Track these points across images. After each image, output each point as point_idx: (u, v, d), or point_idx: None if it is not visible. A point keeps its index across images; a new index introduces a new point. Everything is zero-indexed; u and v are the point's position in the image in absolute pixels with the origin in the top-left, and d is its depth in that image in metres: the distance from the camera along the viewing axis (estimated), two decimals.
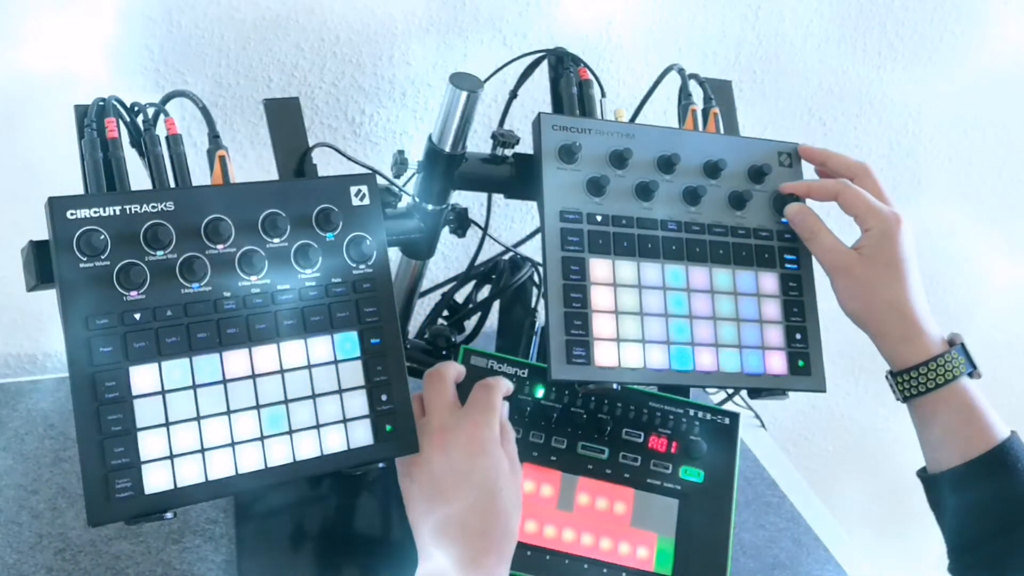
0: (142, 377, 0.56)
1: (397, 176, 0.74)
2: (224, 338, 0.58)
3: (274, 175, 0.65)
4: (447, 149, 0.72)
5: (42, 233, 0.55)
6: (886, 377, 0.72)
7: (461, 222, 0.80)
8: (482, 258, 0.92)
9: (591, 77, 0.76)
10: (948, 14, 1.21)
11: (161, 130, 0.62)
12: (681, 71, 0.78)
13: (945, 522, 0.71)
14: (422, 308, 1.08)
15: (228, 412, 0.58)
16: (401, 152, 0.73)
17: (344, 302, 0.62)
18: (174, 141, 0.62)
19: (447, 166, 0.73)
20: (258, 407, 0.58)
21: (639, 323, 0.69)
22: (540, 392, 0.75)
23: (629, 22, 1.06)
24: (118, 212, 0.56)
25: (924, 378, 0.68)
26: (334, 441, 0.60)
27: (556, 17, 1.02)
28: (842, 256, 0.71)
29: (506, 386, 0.68)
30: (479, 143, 1.02)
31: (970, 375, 0.69)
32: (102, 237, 0.55)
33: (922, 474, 0.72)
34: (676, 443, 0.76)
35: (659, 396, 0.77)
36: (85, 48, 0.87)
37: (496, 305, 0.92)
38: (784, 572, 0.88)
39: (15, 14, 0.84)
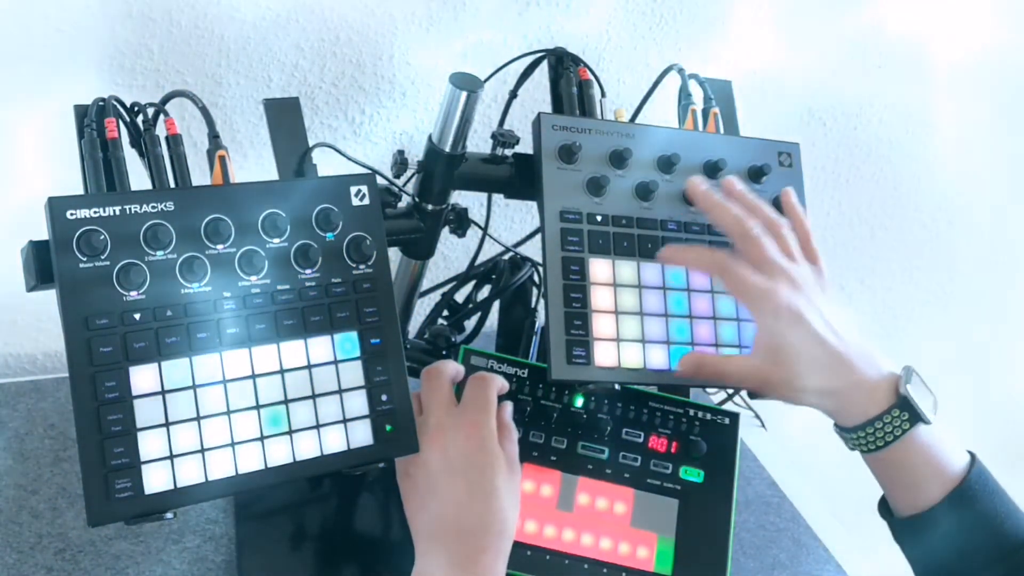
0: (142, 377, 0.56)
1: (397, 176, 0.74)
2: (224, 338, 0.58)
3: (274, 175, 0.65)
4: (447, 149, 0.72)
5: (42, 233, 0.55)
6: (833, 428, 0.69)
7: (461, 222, 0.80)
8: (482, 258, 0.92)
9: (591, 77, 0.76)
10: (948, 16, 1.21)
11: (161, 130, 0.62)
12: (681, 71, 0.78)
13: (912, 560, 0.70)
14: (422, 308, 1.08)
15: (228, 412, 0.58)
16: (401, 152, 0.73)
17: (344, 302, 0.62)
18: (174, 141, 0.62)
19: (447, 166, 0.73)
20: (258, 407, 0.58)
21: (639, 323, 0.69)
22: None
23: (629, 22, 1.06)
24: (118, 212, 0.56)
25: (871, 436, 0.65)
26: (334, 441, 0.60)
27: (556, 17, 1.02)
28: (751, 378, 0.66)
29: (500, 382, 0.67)
30: (479, 143, 1.02)
31: (917, 424, 0.64)
32: (102, 237, 0.55)
33: (883, 513, 0.71)
34: (676, 443, 0.75)
35: (659, 396, 0.77)
36: (85, 48, 0.87)
37: (496, 305, 0.92)
38: (784, 572, 0.88)
39: (15, 13, 0.84)
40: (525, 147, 0.73)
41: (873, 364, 0.66)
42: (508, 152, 0.74)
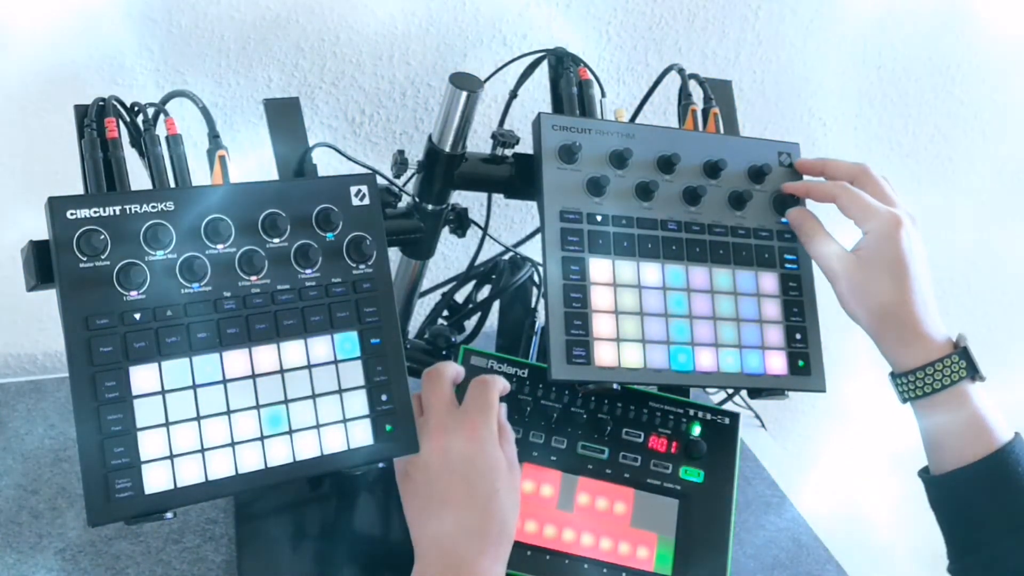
0: (142, 377, 0.56)
1: (397, 176, 0.74)
2: (224, 338, 0.58)
3: (274, 175, 0.65)
4: (447, 149, 0.72)
5: (42, 233, 0.55)
6: (888, 377, 0.72)
7: (461, 222, 0.80)
8: (482, 258, 0.92)
9: (591, 77, 0.76)
10: (949, 14, 1.21)
11: (161, 130, 0.62)
12: (681, 71, 0.78)
13: (945, 523, 0.71)
14: (422, 308, 1.08)
15: (228, 412, 0.58)
16: (401, 152, 0.73)
17: (344, 302, 0.62)
18: (174, 141, 0.62)
19: (447, 166, 0.73)
20: (258, 407, 0.58)
21: (639, 323, 0.69)
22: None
23: (629, 22, 1.06)
24: (118, 212, 0.56)
25: (922, 382, 0.68)
26: (334, 441, 0.60)
27: (556, 17, 1.02)
28: (839, 261, 0.70)
29: (502, 384, 0.68)
30: (479, 143, 1.02)
31: (972, 379, 0.68)
32: (102, 237, 0.55)
33: (923, 475, 0.72)
34: (676, 443, 0.75)
35: (659, 396, 0.77)
36: (85, 48, 0.87)
37: (496, 305, 0.92)
38: (784, 572, 0.88)
39: (15, 13, 0.84)
40: (525, 147, 0.73)
41: (935, 318, 0.70)
42: (508, 152, 0.74)
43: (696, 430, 0.76)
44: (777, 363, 0.71)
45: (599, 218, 0.70)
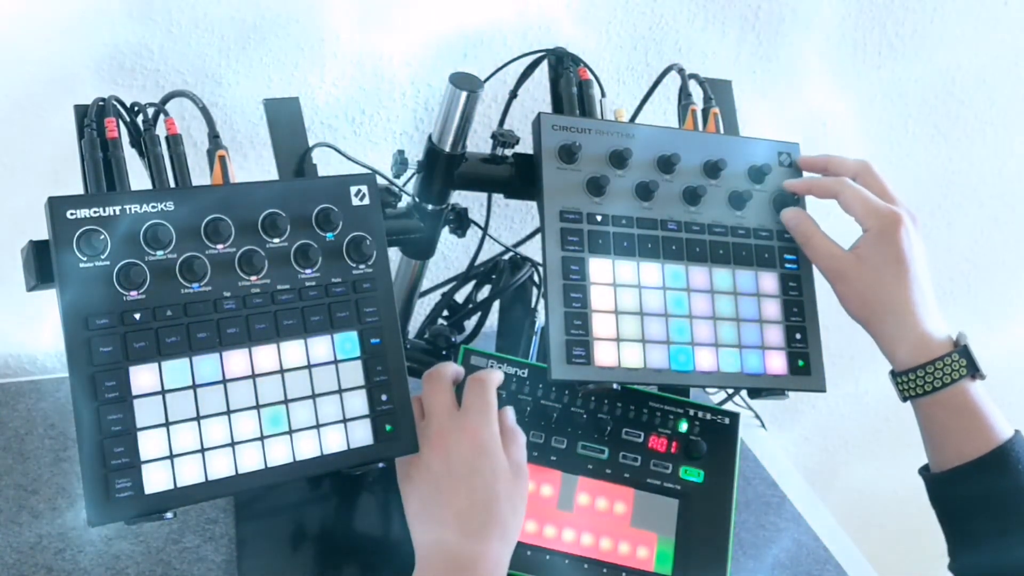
0: (142, 377, 0.56)
1: (397, 176, 0.74)
2: (224, 338, 0.58)
3: (274, 175, 0.65)
4: (447, 149, 0.72)
5: (42, 233, 0.55)
6: (889, 375, 0.72)
7: (461, 222, 0.80)
8: (482, 258, 0.92)
9: (591, 77, 0.76)
10: (948, 15, 1.21)
11: (161, 130, 0.62)
12: (681, 71, 0.78)
13: (945, 521, 0.71)
14: (422, 308, 1.08)
15: (228, 412, 0.58)
16: (401, 152, 0.73)
17: (344, 302, 0.62)
18: (174, 141, 0.62)
19: (447, 166, 0.73)
20: (258, 407, 0.59)
21: (639, 323, 0.69)
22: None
23: (629, 22, 1.06)
24: (118, 212, 0.56)
25: (923, 380, 0.68)
26: (334, 441, 0.60)
27: (556, 17, 1.02)
28: (837, 261, 0.70)
29: (498, 378, 0.67)
30: (479, 143, 1.02)
31: (972, 377, 0.68)
32: (102, 237, 0.55)
33: (923, 472, 0.73)
34: (676, 443, 0.76)
35: (659, 396, 0.77)
36: (85, 48, 0.87)
37: (496, 305, 0.92)
38: (784, 572, 0.88)
39: (15, 13, 0.84)
40: (525, 147, 0.73)
41: (935, 317, 0.70)
42: (508, 152, 0.74)
43: (696, 430, 0.76)
44: (777, 363, 0.72)
45: (599, 218, 0.70)
